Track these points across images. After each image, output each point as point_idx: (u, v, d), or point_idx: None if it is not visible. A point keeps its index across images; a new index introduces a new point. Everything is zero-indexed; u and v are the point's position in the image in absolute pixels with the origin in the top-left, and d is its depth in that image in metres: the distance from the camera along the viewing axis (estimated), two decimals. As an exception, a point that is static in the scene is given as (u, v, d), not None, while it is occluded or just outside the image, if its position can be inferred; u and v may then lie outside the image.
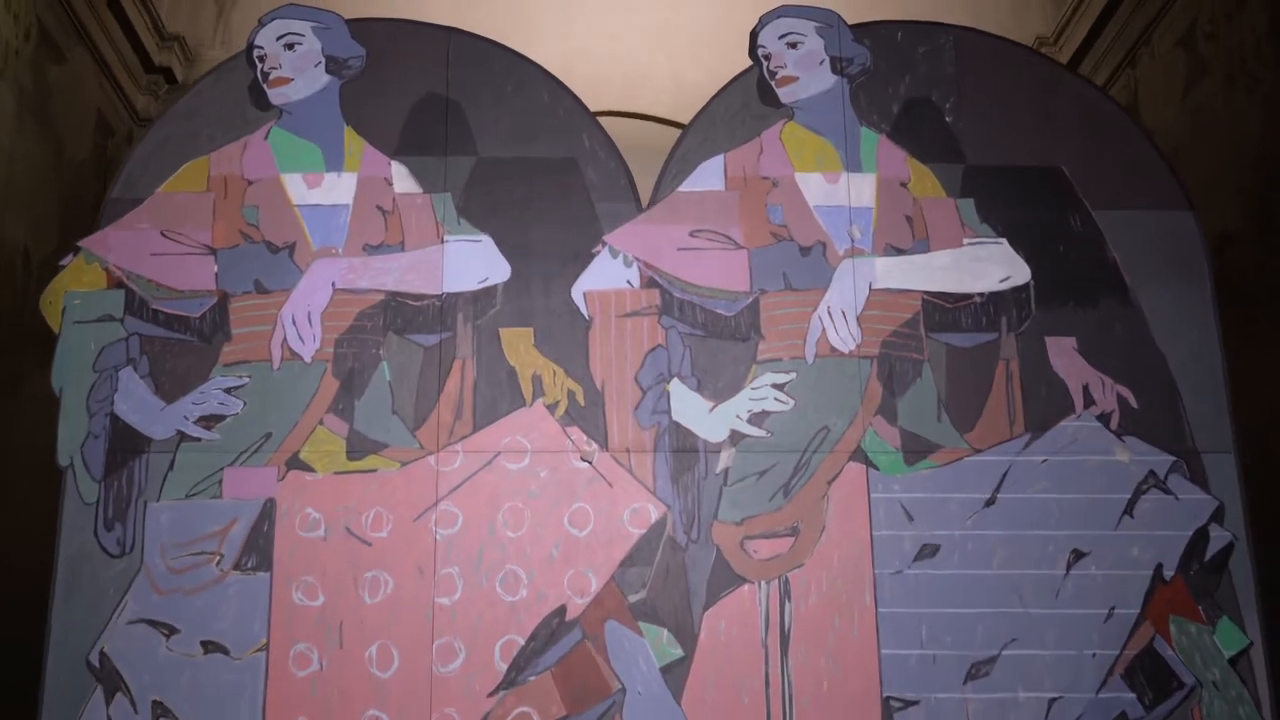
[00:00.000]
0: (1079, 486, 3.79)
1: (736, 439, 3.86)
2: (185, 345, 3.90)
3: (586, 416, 3.87)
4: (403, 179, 4.08)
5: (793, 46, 4.17)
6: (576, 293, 3.97)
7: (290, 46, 4.14)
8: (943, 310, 3.97)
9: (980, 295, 3.97)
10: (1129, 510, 3.77)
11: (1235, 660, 3.68)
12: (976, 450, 3.84)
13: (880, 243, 4.01)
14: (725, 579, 3.75)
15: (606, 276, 4.00)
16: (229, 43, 6.56)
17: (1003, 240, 4.02)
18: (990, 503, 3.79)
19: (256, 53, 4.15)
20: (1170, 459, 3.81)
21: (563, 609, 3.70)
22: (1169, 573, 3.72)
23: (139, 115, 6.34)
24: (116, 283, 3.94)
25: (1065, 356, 3.92)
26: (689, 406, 3.88)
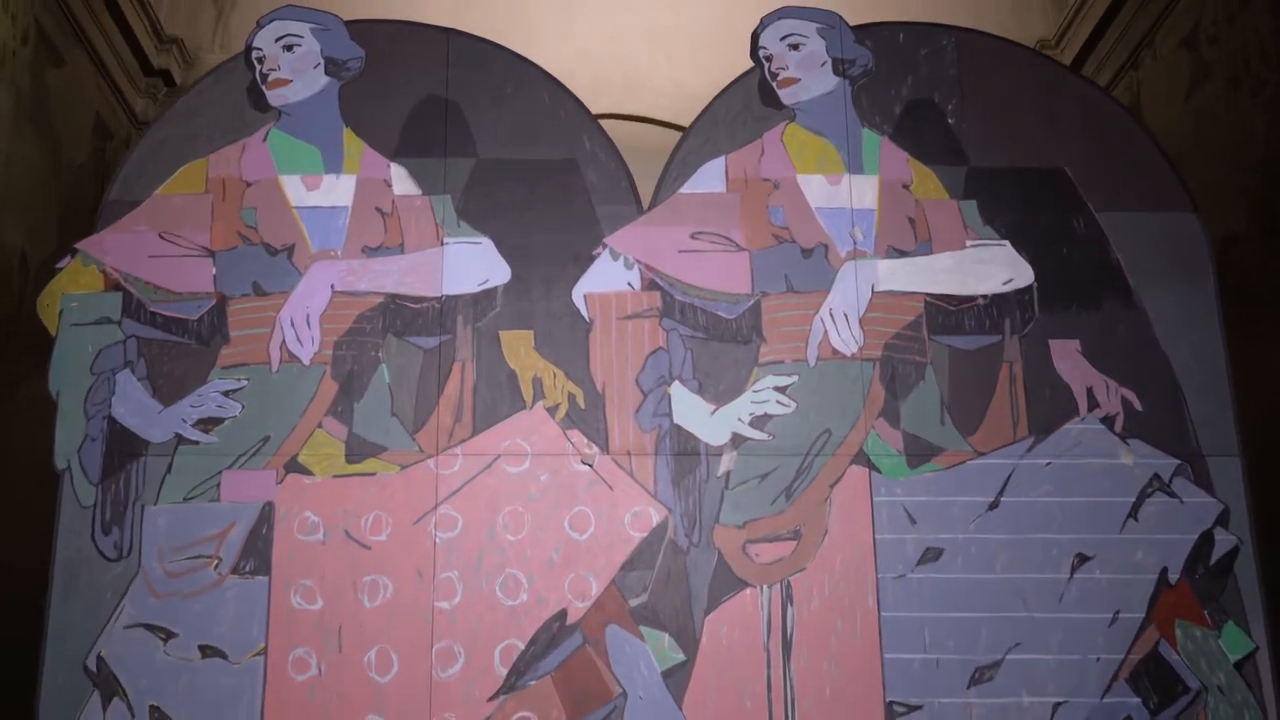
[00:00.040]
0: (1083, 490, 3.78)
1: (738, 442, 3.84)
2: (183, 348, 3.88)
3: (587, 419, 3.85)
4: (402, 181, 4.06)
5: (794, 48, 4.16)
6: (577, 295, 3.96)
7: (289, 48, 4.13)
8: (946, 313, 3.95)
9: (983, 297, 3.96)
10: (1133, 514, 3.75)
11: (1241, 665, 3.66)
12: (980, 453, 3.82)
13: (882, 245, 4.00)
14: (727, 583, 3.73)
15: (607, 279, 3.98)
16: (228, 45, 6.54)
17: (1006, 242, 4.01)
18: (994, 506, 3.77)
19: (255, 54, 4.14)
20: (1175, 462, 3.80)
21: (563, 613, 3.68)
22: (1174, 576, 3.70)
23: (137, 118, 6.33)
24: (114, 285, 3.93)
25: (1069, 359, 3.90)
26: (690, 409, 3.86)
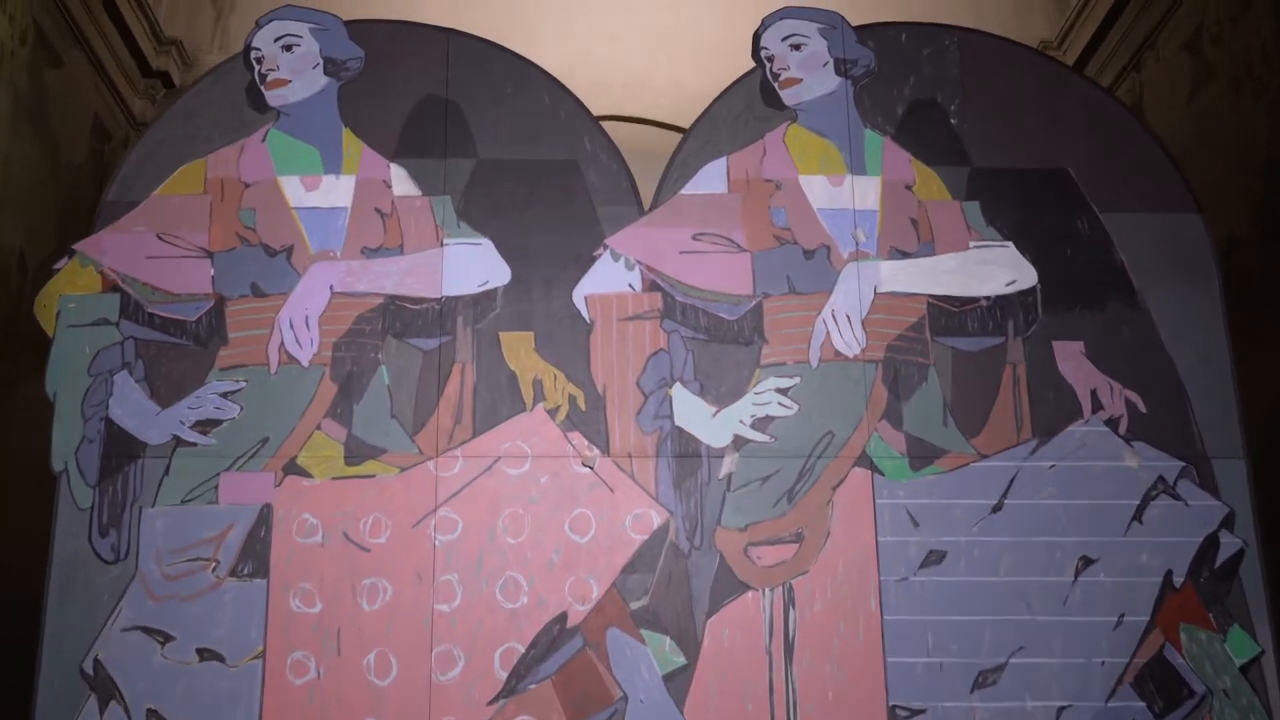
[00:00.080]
0: (1087, 492, 3.76)
1: (740, 444, 3.82)
2: (181, 349, 3.87)
3: (588, 421, 3.83)
4: (402, 181, 4.05)
5: (796, 48, 4.14)
6: (578, 296, 3.94)
7: (288, 48, 4.11)
8: (948, 314, 3.93)
9: (986, 299, 3.94)
10: (1138, 516, 3.73)
11: (1246, 668, 3.64)
12: (983, 455, 3.80)
13: (885, 246, 3.98)
14: (728, 586, 3.71)
15: (608, 280, 3.96)
16: (226, 47, 6.52)
17: (1009, 243, 4.00)
18: (997, 509, 3.75)
19: (254, 54, 4.13)
20: (1179, 464, 3.78)
21: (564, 616, 3.66)
22: (1179, 580, 3.68)
23: (136, 119, 6.31)
24: (112, 286, 3.91)
25: (1073, 361, 3.88)
26: (691, 411, 3.84)
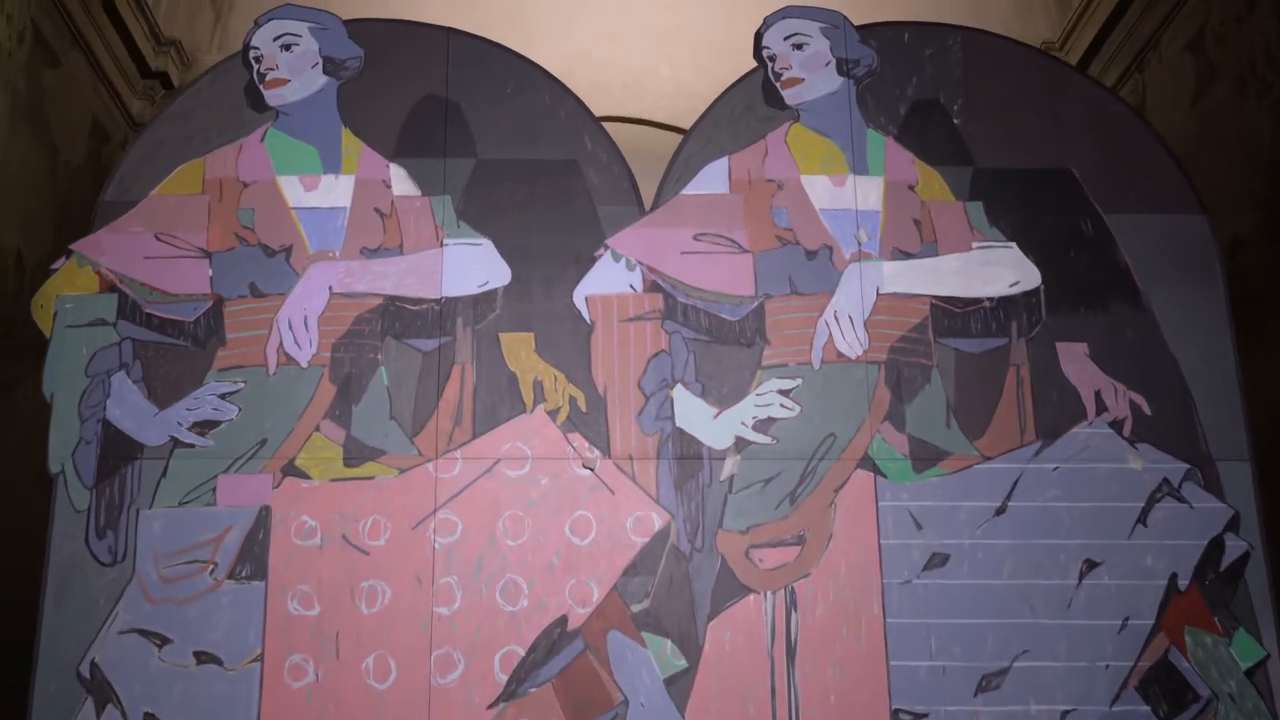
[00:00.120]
0: (1091, 494, 3.74)
1: (741, 446, 3.80)
2: (179, 350, 3.85)
3: (588, 423, 3.81)
4: (401, 181, 4.03)
5: (798, 48, 4.13)
6: (578, 297, 3.92)
7: (287, 47, 4.10)
8: (951, 315, 3.91)
9: (990, 300, 3.92)
10: (1142, 519, 3.71)
11: (1252, 672, 3.62)
12: (986, 457, 3.78)
13: (887, 246, 3.96)
14: (730, 588, 3.69)
15: (609, 281, 3.94)
16: (226, 47, 6.50)
17: (1012, 244, 3.98)
18: (1001, 511, 3.73)
19: (253, 53, 4.12)
20: (1184, 466, 3.76)
21: (564, 619, 3.64)
22: (1184, 583, 3.66)
23: (134, 120, 6.29)
24: (109, 286, 3.90)
25: (1077, 362, 3.86)
26: (693, 413, 3.82)
